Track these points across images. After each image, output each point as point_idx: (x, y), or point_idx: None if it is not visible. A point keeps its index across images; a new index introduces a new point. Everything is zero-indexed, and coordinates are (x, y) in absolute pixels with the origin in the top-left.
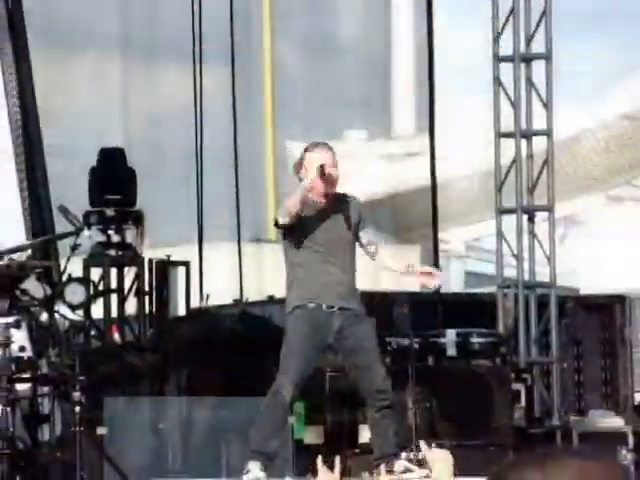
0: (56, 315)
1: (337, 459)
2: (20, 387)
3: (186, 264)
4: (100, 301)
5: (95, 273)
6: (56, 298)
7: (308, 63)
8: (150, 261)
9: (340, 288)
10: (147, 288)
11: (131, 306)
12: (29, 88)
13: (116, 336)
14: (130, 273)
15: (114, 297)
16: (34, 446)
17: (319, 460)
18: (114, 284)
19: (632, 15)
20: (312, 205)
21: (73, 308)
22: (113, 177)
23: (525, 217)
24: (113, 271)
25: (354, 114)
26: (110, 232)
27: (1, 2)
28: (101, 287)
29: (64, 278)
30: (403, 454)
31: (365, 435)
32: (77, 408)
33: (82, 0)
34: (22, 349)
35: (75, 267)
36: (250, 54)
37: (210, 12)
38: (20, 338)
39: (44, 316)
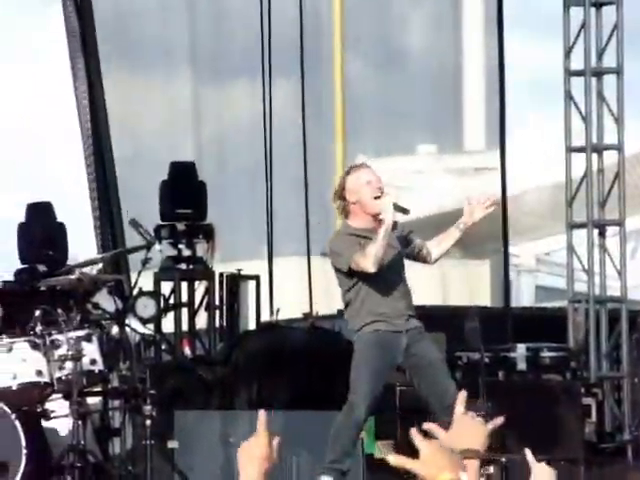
0: (127, 329)
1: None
2: (91, 401)
3: (256, 278)
4: (171, 315)
5: (166, 287)
6: (127, 312)
7: (378, 77)
8: (221, 275)
9: (403, 308)
10: (217, 302)
11: (202, 320)
12: (101, 103)
13: (187, 350)
14: (201, 287)
15: (185, 311)
16: (105, 460)
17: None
18: (185, 298)
19: None
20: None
21: (144, 322)
22: (184, 191)
23: (596, 231)
24: (184, 285)
25: (424, 128)
26: (181, 246)
27: (74, 19)
28: (172, 301)
29: (135, 292)
30: None
31: None
32: (148, 422)
33: (151, 16)
34: (93, 362)
35: (146, 281)
36: (320, 68)
37: (279, 26)
38: (91, 351)
39: (115, 330)
